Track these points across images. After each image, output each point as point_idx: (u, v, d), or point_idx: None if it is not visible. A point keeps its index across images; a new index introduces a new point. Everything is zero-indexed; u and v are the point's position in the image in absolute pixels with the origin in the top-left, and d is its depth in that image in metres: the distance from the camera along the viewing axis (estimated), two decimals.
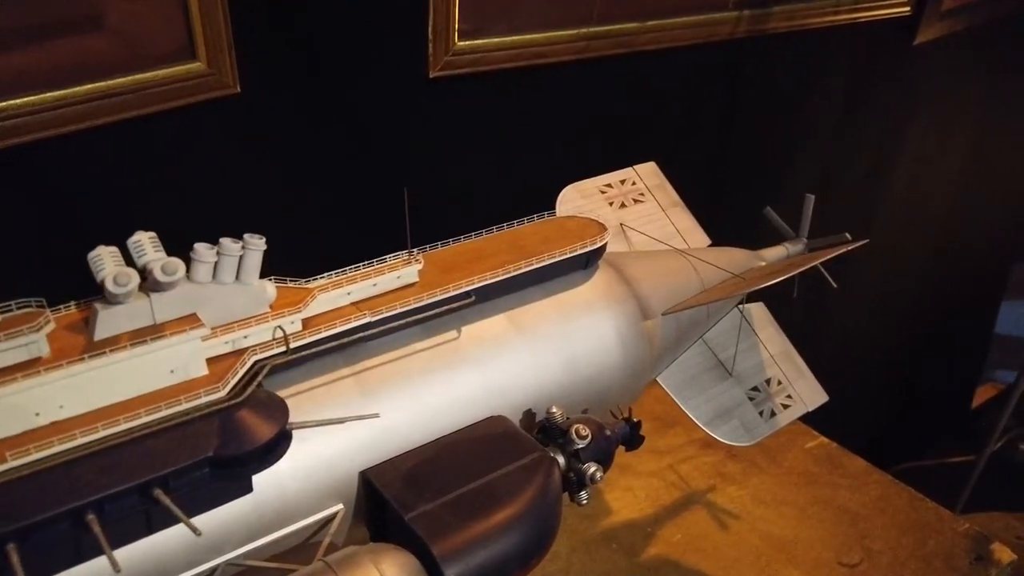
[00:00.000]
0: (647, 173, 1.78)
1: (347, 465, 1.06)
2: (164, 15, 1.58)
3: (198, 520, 0.94)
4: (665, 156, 1.85)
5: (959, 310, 3.95)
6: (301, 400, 1.05)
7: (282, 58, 1.73)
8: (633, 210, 1.70)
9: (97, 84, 1.53)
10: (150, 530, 0.91)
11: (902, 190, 3.26)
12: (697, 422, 1.45)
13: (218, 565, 0.96)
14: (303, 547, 1.04)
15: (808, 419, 2.30)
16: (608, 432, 1.17)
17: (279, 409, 0.96)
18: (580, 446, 1.12)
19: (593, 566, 1.76)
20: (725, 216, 2.11)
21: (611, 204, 1.69)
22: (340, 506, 1.05)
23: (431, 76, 1.91)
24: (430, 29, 1.87)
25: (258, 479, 0.98)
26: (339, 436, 1.06)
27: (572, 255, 1.28)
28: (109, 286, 0.89)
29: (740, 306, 1.62)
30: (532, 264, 1.24)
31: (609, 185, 1.72)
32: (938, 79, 3.12)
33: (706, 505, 1.93)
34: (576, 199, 1.64)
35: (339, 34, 1.78)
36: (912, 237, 3.46)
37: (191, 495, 0.92)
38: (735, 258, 1.62)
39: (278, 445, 0.96)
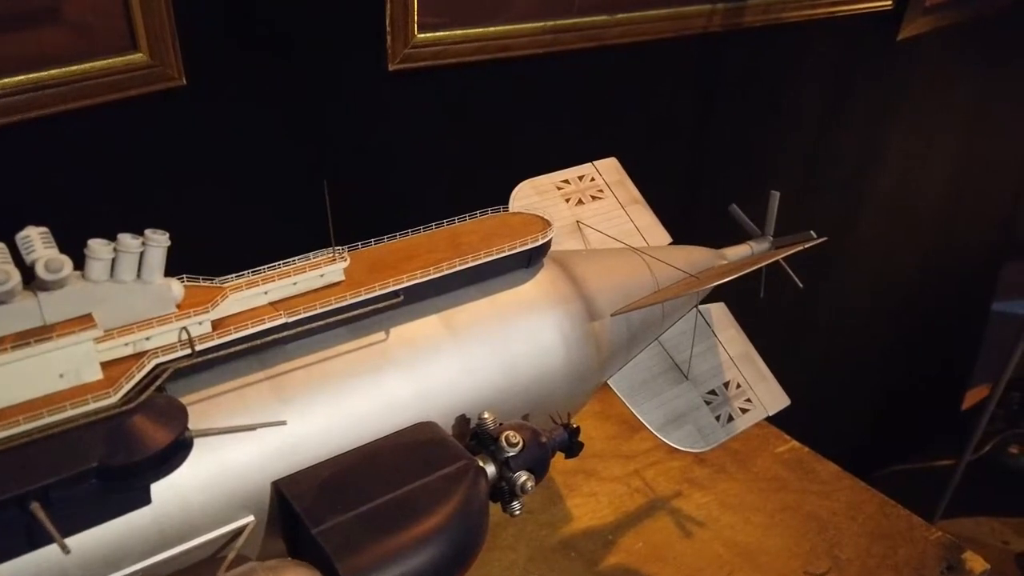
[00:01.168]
0: (607, 169, 1.73)
1: (259, 475, 1.00)
2: (102, 3, 1.53)
3: (90, 534, 0.89)
4: (635, 154, 1.79)
5: (949, 311, 3.89)
6: (209, 407, 0.99)
7: (232, 50, 1.67)
8: (591, 207, 1.64)
9: (28, 76, 1.48)
10: (32, 546, 0.85)
11: (888, 190, 3.20)
12: (649, 427, 1.40)
13: None
14: (211, 562, 0.98)
15: (787, 424, 2.25)
16: (543, 439, 1.11)
17: (177, 415, 0.90)
18: (511, 454, 1.07)
19: (551, 575, 1.70)
20: (698, 215, 2.06)
21: (568, 201, 1.63)
22: (250, 519, 0.99)
23: (390, 69, 1.85)
24: (388, 20, 1.81)
25: (158, 490, 0.93)
26: (251, 444, 1.00)
27: (511, 252, 1.23)
28: None
29: (698, 306, 1.56)
30: (468, 262, 1.18)
31: (566, 181, 1.66)
32: (923, 76, 3.06)
33: (671, 512, 1.87)
34: (531, 195, 1.58)
35: (293, 25, 1.72)
36: (900, 237, 3.40)
37: (80, 508, 0.86)
38: (695, 257, 1.56)
39: (174, 454, 0.90)
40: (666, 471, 2.02)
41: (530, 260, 1.28)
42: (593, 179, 1.69)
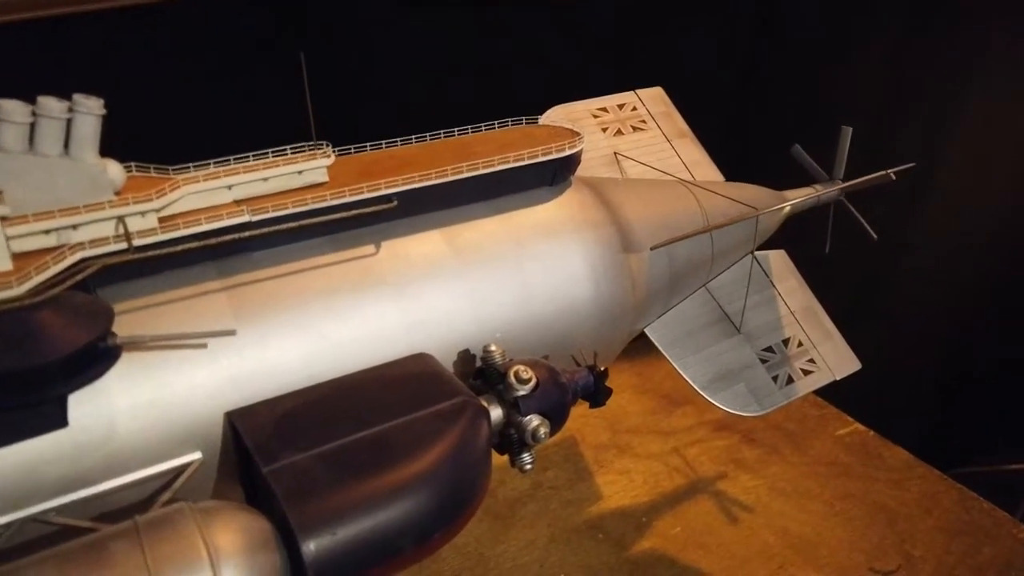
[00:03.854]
0: (652, 99, 1.51)
1: (209, 404, 0.82)
2: None
3: None
4: (684, 87, 1.57)
5: None
6: (149, 316, 0.81)
7: None
8: (631, 138, 1.43)
9: None
10: None
11: (966, 149, 2.87)
12: (692, 384, 1.18)
13: (12, 522, 0.73)
14: (143, 506, 0.80)
15: (844, 403, 2.00)
16: (562, 379, 0.91)
17: (98, 316, 0.73)
18: (520, 393, 0.86)
19: (573, 558, 1.50)
20: (752, 157, 1.82)
21: (605, 130, 1.42)
22: (196, 455, 0.81)
23: None
24: None
25: (79, 413, 0.75)
26: (200, 367, 0.82)
27: (532, 162, 1.02)
28: None
29: (754, 252, 1.34)
30: (478, 169, 0.99)
31: (604, 109, 1.45)
32: (1013, 19, 2.73)
33: (714, 495, 1.65)
34: (562, 121, 1.37)
35: None
36: (977, 211, 3.07)
37: None
38: (751, 194, 1.34)
39: (91, 362, 0.72)
40: (710, 450, 1.80)
41: (555, 176, 1.08)
42: (635, 108, 1.48)
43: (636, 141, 1.42)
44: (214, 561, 0.63)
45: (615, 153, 1.38)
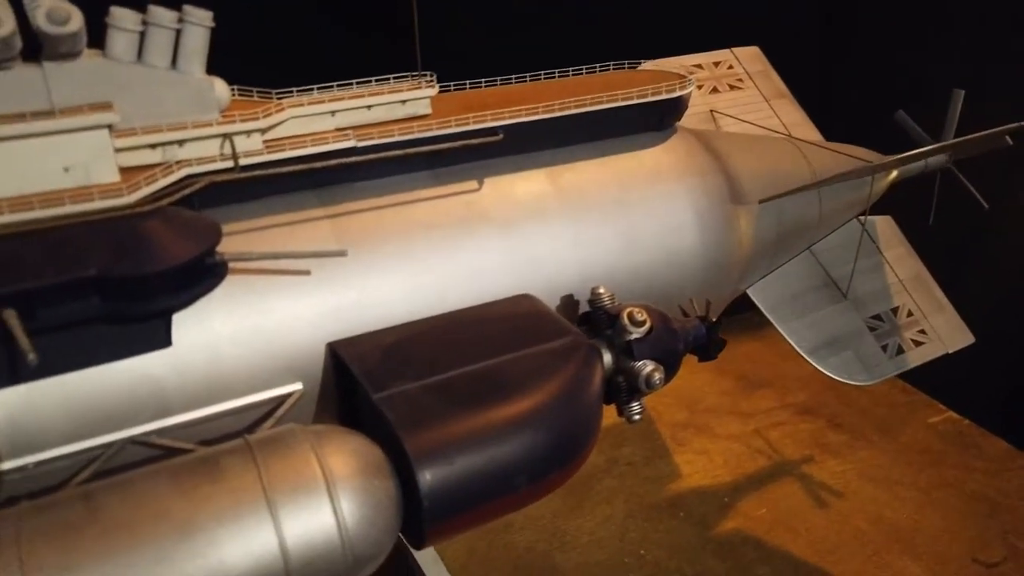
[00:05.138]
0: (748, 58, 1.44)
1: (311, 335, 0.78)
2: None
3: (90, 376, 0.69)
4: (775, 47, 1.49)
5: None
6: (252, 239, 0.78)
7: None
8: (727, 96, 1.36)
9: None
10: (15, 378, 0.65)
11: None
12: (798, 349, 1.11)
13: (113, 443, 0.70)
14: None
15: (934, 389, 1.87)
16: (675, 326, 0.85)
17: (208, 231, 0.69)
18: (634, 336, 0.81)
19: (654, 535, 1.44)
20: (851, 131, 1.73)
21: (700, 87, 1.36)
22: (298, 386, 0.78)
23: None
24: None
25: (182, 334, 0.72)
26: (303, 297, 0.78)
27: (641, 102, 0.97)
28: None
29: (861, 217, 1.27)
30: (586, 106, 0.94)
31: (699, 66, 1.39)
32: None
33: (800, 478, 1.57)
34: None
35: None
36: None
37: (79, 338, 0.67)
38: (858, 153, 1.27)
39: (198, 278, 0.69)
40: (793, 433, 1.72)
41: (662, 119, 1.02)
42: (731, 67, 1.42)
43: (733, 100, 1.36)
44: (329, 481, 0.60)
45: (711, 111, 1.32)
